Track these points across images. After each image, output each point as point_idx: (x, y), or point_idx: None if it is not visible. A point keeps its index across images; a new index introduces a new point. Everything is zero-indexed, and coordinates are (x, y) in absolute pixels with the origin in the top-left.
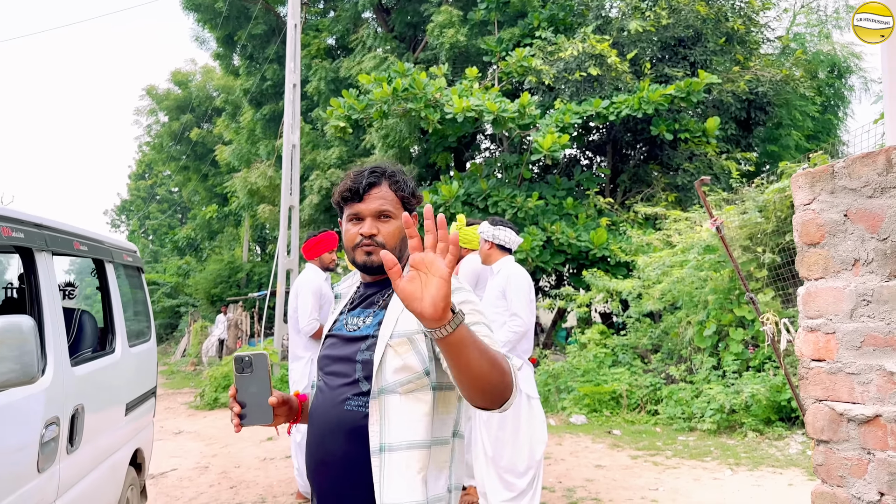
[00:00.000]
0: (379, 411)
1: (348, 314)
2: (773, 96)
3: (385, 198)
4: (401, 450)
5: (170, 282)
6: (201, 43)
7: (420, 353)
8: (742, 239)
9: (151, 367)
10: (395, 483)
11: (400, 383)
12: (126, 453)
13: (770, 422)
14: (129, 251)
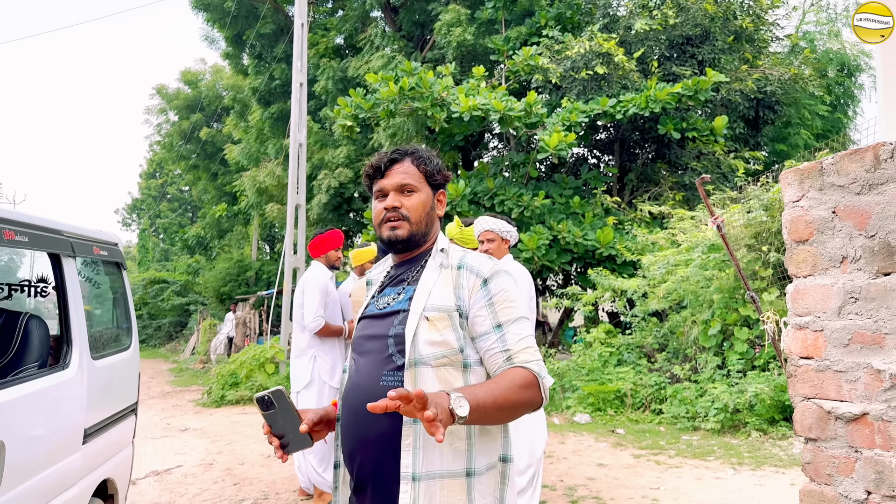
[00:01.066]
0: (412, 382)
1: (378, 296)
2: (782, 95)
3: (407, 172)
4: None
5: (179, 280)
6: (211, 42)
7: (457, 330)
8: (747, 238)
9: (130, 381)
10: (431, 453)
11: (434, 356)
12: (85, 488)
13: (774, 421)
14: (104, 244)
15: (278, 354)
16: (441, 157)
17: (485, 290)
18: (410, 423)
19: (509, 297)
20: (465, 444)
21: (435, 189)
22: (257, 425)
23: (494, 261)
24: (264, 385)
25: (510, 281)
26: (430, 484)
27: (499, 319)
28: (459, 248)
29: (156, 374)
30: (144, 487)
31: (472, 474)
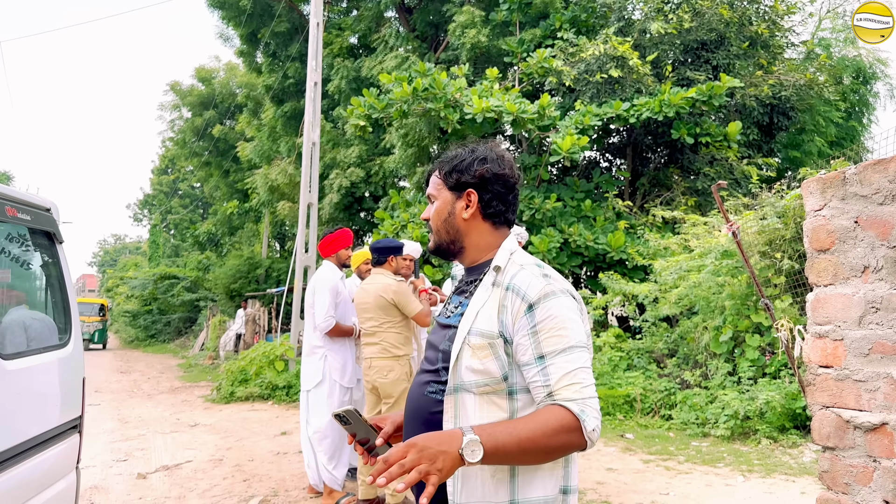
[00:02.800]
0: (454, 408)
1: (449, 300)
2: (797, 101)
3: (432, 183)
4: None
5: (190, 276)
6: (225, 40)
7: (500, 358)
8: (760, 245)
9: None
10: (470, 484)
11: (475, 384)
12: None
13: (784, 429)
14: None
15: (288, 352)
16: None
17: (529, 316)
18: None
19: (557, 324)
20: (508, 474)
21: (456, 191)
22: (267, 422)
23: (549, 280)
24: (273, 382)
25: (561, 305)
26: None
27: (542, 350)
28: (519, 262)
29: (165, 370)
30: (155, 482)
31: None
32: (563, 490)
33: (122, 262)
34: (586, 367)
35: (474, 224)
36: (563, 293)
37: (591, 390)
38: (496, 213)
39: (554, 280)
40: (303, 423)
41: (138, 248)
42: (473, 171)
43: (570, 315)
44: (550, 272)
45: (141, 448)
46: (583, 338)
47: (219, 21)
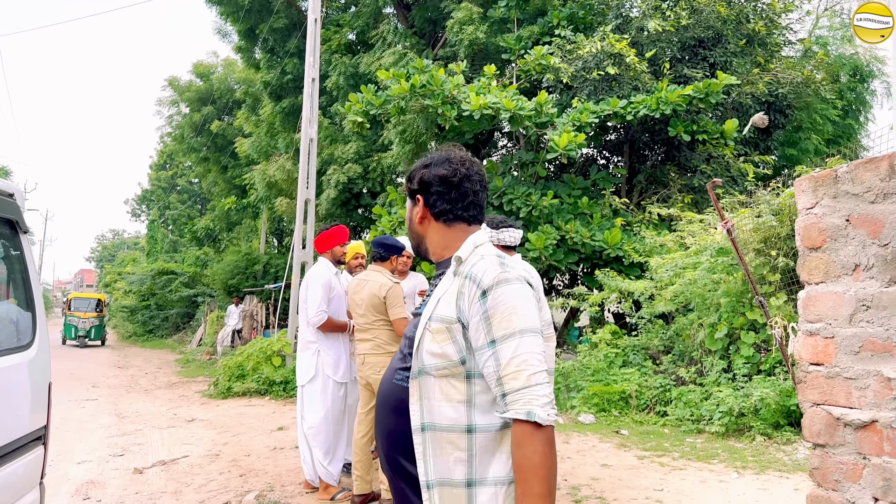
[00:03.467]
0: (418, 391)
1: (429, 292)
2: (794, 99)
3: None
4: (441, 431)
5: (188, 271)
6: (223, 36)
7: (457, 342)
8: (756, 242)
9: (32, 395)
10: (437, 462)
11: (435, 367)
12: None
13: (779, 426)
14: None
15: (285, 348)
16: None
17: (482, 301)
18: (420, 432)
19: (508, 309)
20: (465, 455)
21: (412, 198)
22: (264, 417)
23: (504, 268)
24: (270, 377)
25: (513, 291)
26: (441, 491)
27: (493, 335)
28: (480, 254)
29: (163, 365)
30: (151, 476)
31: (472, 485)
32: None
33: (119, 257)
34: (535, 352)
35: (429, 226)
36: (518, 281)
37: (538, 376)
38: (442, 212)
39: (511, 270)
40: (299, 419)
41: (136, 243)
42: (416, 178)
43: (522, 302)
44: (510, 262)
45: (138, 443)
46: (534, 324)
47: (217, 17)
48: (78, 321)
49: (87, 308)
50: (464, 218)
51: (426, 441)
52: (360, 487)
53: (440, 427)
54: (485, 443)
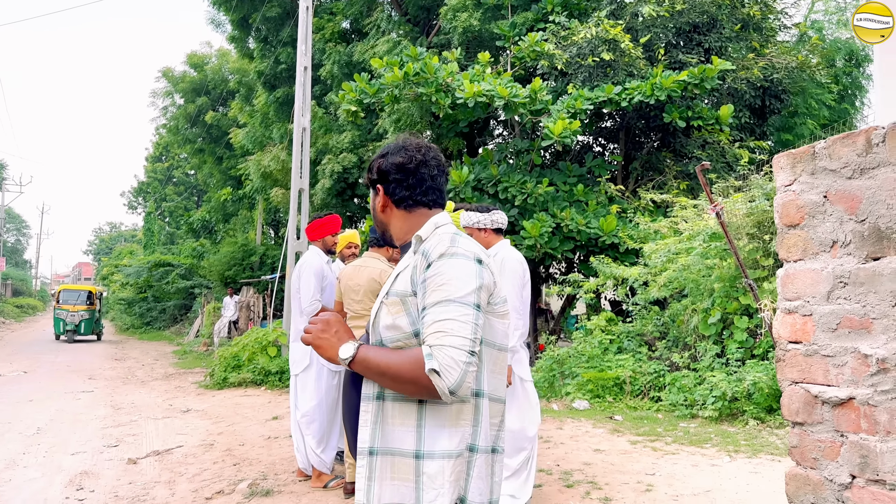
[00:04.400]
0: None
1: None
2: (789, 84)
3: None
4: (392, 400)
5: (184, 263)
6: (217, 26)
7: (410, 314)
8: (749, 226)
9: None
10: (387, 430)
11: (390, 340)
12: None
13: (772, 410)
14: None
15: (281, 338)
16: (446, 143)
17: (425, 272)
18: (370, 400)
19: (443, 280)
20: (415, 425)
21: (373, 188)
22: (259, 407)
23: (453, 244)
24: (266, 367)
25: (454, 264)
26: (384, 459)
27: (426, 301)
28: (440, 233)
29: (160, 356)
30: (145, 467)
31: (420, 457)
32: (469, 447)
33: (117, 249)
34: (460, 320)
35: (391, 214)
36: (463, 256)
37: (453, 339)
38: (402, 198)
39: (460, 245)
40: (292, 408)
41: (133, 235)
42: (374, 168)
43: (460, 273)
44: (464, 240)
45: (132, 434)
46: (467, 296)
47: (210, 6)
48: (66, 315)
49: (76, 301)
50: (423, 203)
51: (377, 409)
52: (353, 475)
53: (390, 397)
54: (435, 415)
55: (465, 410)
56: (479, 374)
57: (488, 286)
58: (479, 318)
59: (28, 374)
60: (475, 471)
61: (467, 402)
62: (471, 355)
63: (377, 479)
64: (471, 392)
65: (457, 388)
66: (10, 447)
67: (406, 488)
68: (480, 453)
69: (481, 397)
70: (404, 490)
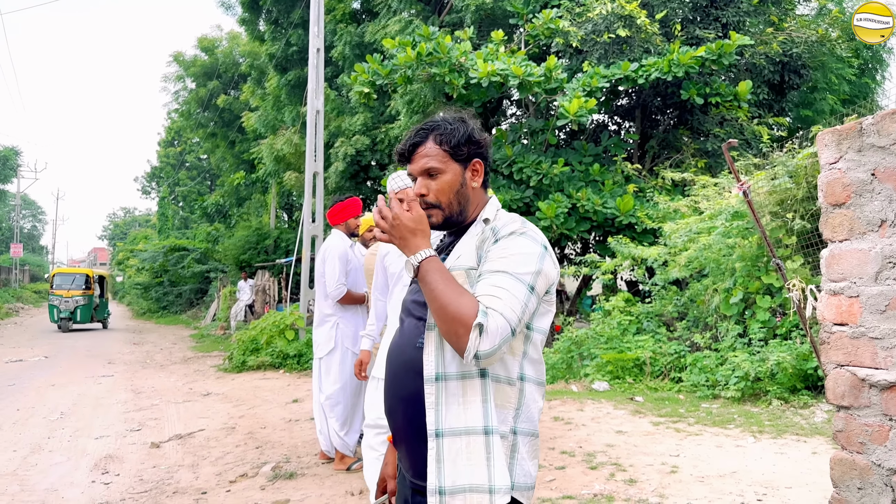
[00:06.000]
0: (434, 342)
1: None
2: (808, 59)
3: (429, 154)
4: (454, 379)
5: (199, 247)
6: (227, 8)
7: (474, 287)
8: (772, 205)
9: None
10: (452, 410)
11: None
12: None
13: (795, 390)
14: None
15: (298, 321)
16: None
17: (493, 246)
18: (433, 382)
19: (506, 253)
20: (480, 401)
21: (465, 162)
22: (278, 390)
23: (524, 225)
24: (284, 351)
25: (521, 242)
26: (452, 440)
27: (484, 268)
28: (511, 216)
29: (178, 340)
30: (168, 450)
31: (490, 433)
32: (512, 430)
33: (131, 234)
34: (514, 294)
35: (478, 192)
36: (532, 238)
37: (505, 310)
38: (488, 178)
39: (531, 228)
40: (315, 391)
41: (147, 220)
42: (478, 141)
43: (524, 251)
44: (534, 227)
45: (154, 417)
46: (525, 275)
47: None
48: (60, 301)
49: (71, 285)
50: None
51: (439, 390)
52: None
53: (453, 376)
54: (497, 390)
55: (510, 392)
56: (523, 358)
57: (548, 275)
58: (531, 301)
59: (49, 358)
60: (518, 454)
61: (513, 385)
62: (512, 333)
63: (447, 460)
64: (516, 376)
65: (485, 355)
66: (35, 431)
67: (478, 467)
68: (522, 436)
69: (525, 381)
70: (476, 469)
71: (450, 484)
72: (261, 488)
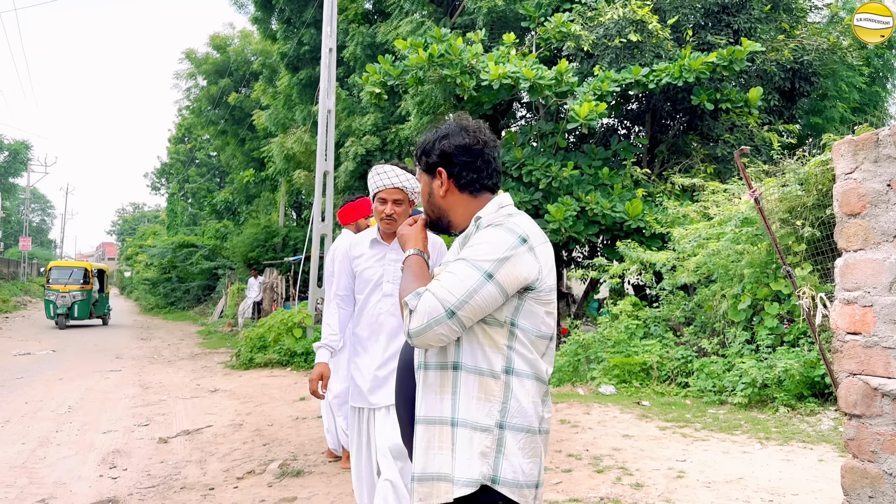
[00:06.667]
0: None
1: None
2: (819, 66)
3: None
4: (433, 369)
5: (208, 244)
6: (239, 7)
7: None
8: (781, 212)
9: None
10: (426, 399)
11: None
12: None
13: (802, 397)
14: None
15: (305, 319)
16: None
17: (472, 238)
18: (417, 371)
19: (475, 242)
20: (451, 393)
21: (430, 172)
22: (286, 388)
23: (506, 219)
24: (291, 349)
25: (493, 232)
26: (426, 428)
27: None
28: (501, 212)
29: (185, 336)
30: (176, 446)
31: (455, 424)
32: (498, 424)
33: (140, 230)
34: (459, 278)
35: (453, 198)
36: (507, 229)
37: (439, 290)
38: (469, 182)
39: (511, 221)
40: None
41: (156, 216)
42: (437, 150)
43: (490, 240)
44: (519, 218)
45: (162, 413)
46: (482, 262)
47: None
48: (56, 296)
49: (68, 279)
50: (488, 186)
51: (420, 379)
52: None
53: (432, 365)
54: (466, 384)
55: (493, 386)
56: (510, 352)
57: (518, 264)
58: (485, 287)
59: (56, 352)
60: (506, 448)
61: (497, 378)
62: (449, 315)
63: (418, 447)
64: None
65: (415, 334)
66: (44, 425)
67: (444, 456)
68: (510, 430)
69: (511, 375)
70: (442, 458)
71: (419, 470)
72: (268, 485)
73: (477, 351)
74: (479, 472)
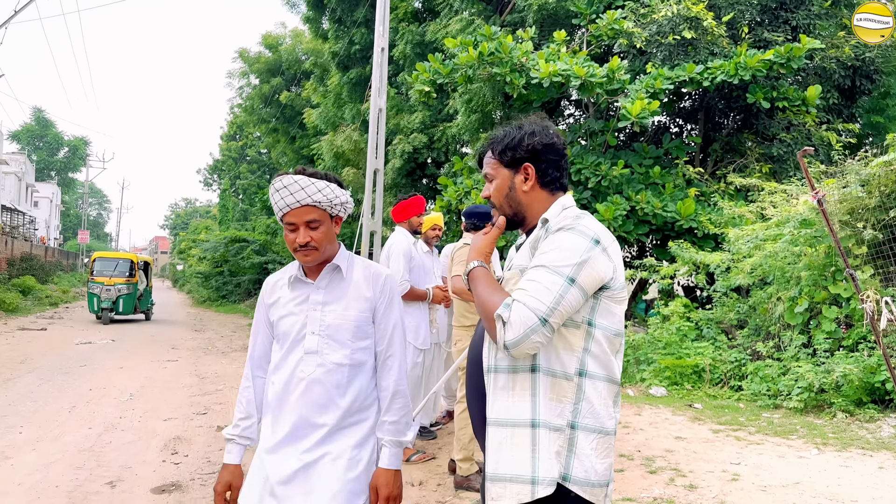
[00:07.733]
0: (489, 338)
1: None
2: (882, 63)
3: (487, 163)
4: (503, 372)
5: (258, 239)
6: (291, 6)
7: None
8: (842, 214)
9: None
10: (498, 401)
11: None
12: None
13: (861, 403)
14: None
15: None
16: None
17: (543, 243)
18: (487, 374)
19: (550, 247)
20: (529, 395)
21: (514, 167)
22: None
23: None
24: None
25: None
26: (497, 430)
27: (529, 265)
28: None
29: (237, 329)
30: None
31: (536, 426)
32: (570, 424)
33: (193, 224)
34: (545, 285)
35: (534, 195)
36: (580, 232)
37: (529, 300)
38: (552, 180)
39: (581, 223)
40: None
41: (208, 211)
42: (526, 146)
43: (566, 245)
44: (588, 220)
45: (219, 402)
46: (563, 267)
47: None
48: (100, 289)
49: (113, 272)
50: (563, 186)
51: (490, 382)
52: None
53: (502, 368)
54: (544, 385)
55: (567, 387)
56: (585, 354)
57: (596, 267)
58: (570, 292)
59: (115, 342)
60: (577, 448)
61: (570, 380)
62: (542, 322)
63: (490, 448)
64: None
65: (513, 345)
66: (108, 411)
67: (518, 457)
68: (582, 431)
69: (584, 377)
70: (515, 459)
71: (491, 471)
72: None
73: (551, 353)
74: (556, 471)
